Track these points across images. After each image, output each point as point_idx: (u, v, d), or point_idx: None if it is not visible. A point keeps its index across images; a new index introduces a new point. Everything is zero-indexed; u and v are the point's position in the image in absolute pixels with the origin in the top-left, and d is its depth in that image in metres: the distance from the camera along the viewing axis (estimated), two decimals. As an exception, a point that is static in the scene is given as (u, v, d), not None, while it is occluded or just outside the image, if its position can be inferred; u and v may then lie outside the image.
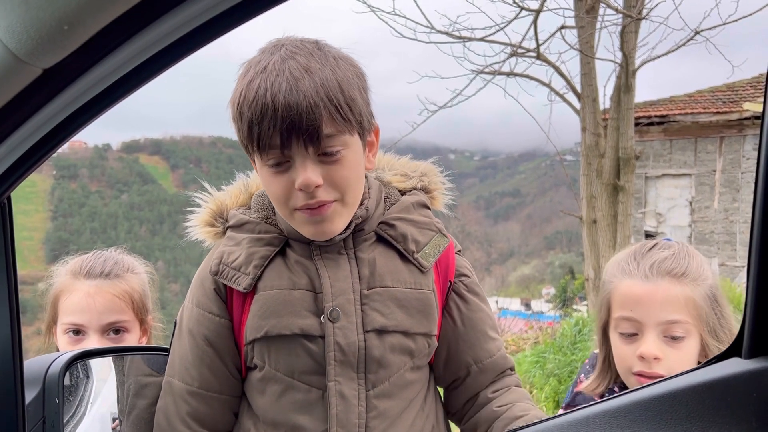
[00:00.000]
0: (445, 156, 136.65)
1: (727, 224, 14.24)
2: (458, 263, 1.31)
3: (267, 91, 1.05)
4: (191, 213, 1.29)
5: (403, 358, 1.20)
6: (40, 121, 0.71)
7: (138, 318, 1.61)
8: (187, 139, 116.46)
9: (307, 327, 1.15)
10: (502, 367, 1.30)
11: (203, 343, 1.20)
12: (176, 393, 1.21)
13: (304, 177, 1.08)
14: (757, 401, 0.65)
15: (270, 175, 1.12)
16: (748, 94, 14.09)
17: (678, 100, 14.99)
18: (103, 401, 1.23)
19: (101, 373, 1.24)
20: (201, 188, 1.33)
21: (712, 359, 0.71)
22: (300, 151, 1.07)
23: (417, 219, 1.25)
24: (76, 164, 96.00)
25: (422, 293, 1.21)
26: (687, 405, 0.67)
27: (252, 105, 1.06)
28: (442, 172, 1.35)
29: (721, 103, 14.17)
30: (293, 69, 1.06)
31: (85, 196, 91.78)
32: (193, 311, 1.22)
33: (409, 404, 1.22)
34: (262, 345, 1.17)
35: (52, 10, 0.58)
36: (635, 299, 1.35)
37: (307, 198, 1.10)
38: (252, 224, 1.23)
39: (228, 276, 1.18)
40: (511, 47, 9.25)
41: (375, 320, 1.17)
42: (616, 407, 0.69)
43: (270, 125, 1.05)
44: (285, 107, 1.04)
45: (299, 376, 1.17)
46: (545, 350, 7.34)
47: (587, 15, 9.06)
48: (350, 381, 1.15)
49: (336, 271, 1.17)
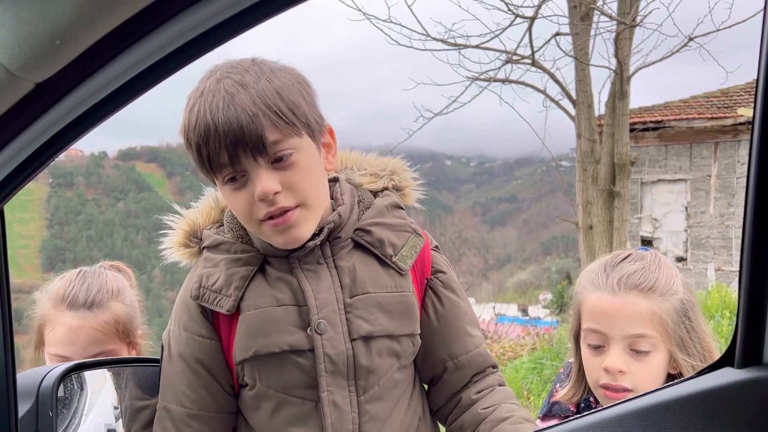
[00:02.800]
0: (441, 162, 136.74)
1: (722, 229, 14.27)
2: (434, 260, 1.32)
3: (206, 112, 1.08)
4: (164, 236, 1.29)
5: (391, 361, 1.22)
6: (33, 135, 0.71)
7: (125, 342, 1.60)
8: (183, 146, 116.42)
9: (295, 342, 1.15)
10: (480, 365, 1.30)
11: (197, 366, 1.20)
12: (176, 418, 1.20)
13: (260, 187, 1.09)
14: (749, 411, 0.66)
15: (230, 193, 1.14)
16: (742, 99, 14.15)
17: (673, 105, 15.04)
18: (97, 412, 1.23)
19: (95, 384, 1.24)
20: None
21: (704, 369, 0.71)
22: (250, 163, 1.09)
23: (392, 222, 1.26)
24: (72, 172, 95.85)
25: (403, 295, 1.22)
26: (680, 415, 0.67)
27: (195, 129, 1.09)
28: (411, 166, 1.37)
29: (715, 108, 14.23)
30: (228, 87, 1.09)
31: (82, 204, 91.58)
32: (181, 335, 1.22)
33: (397, 403, 1.24)
34: (251, 365, 1.17)
35: (44, 24, 0.58)
36: (602, 312, 1.36)
37: (268, 206, 1.11)
38: (227, 244, 1.23)
39: (210, 299, 1.18)
40: (507, 54, 9.28)
41: (361, 328, 1.18)
42: (609, 418, 0.69)
43: (215, 144, 1.07)
44: (225, 123, 1.06)
45: (292, 390, 1.17)
46: (542, 356, 7.33)
47: (582, 22, 9.11)
48: (342, 389, 1.17)
49: (318, 283, 1.18)
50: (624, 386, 1.32)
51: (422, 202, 1.38)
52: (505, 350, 9.64)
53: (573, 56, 9.24)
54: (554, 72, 9.44)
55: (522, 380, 7.03)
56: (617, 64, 9.01)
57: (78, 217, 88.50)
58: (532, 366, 7.17)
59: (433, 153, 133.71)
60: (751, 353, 0.68)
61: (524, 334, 11.10)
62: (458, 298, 1.32)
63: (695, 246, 14.48)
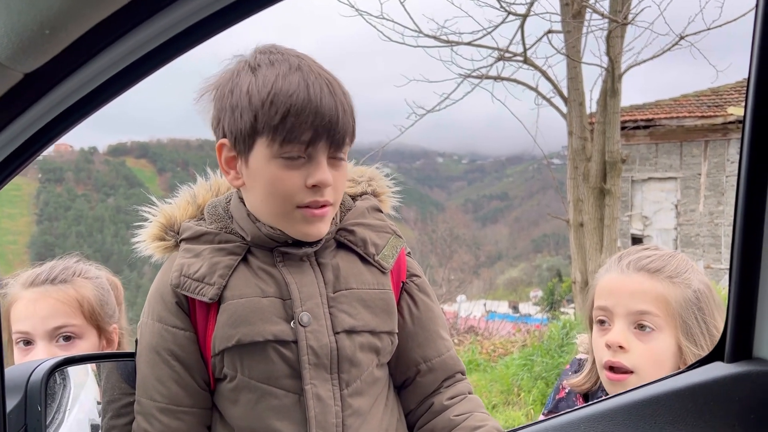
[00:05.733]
0: (433, 159, 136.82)
1: (712, 227, 14.37)
2: (409, 264, 1.35)
3: (309, 88, 1.11)
4: (139, 228, 1.28)
5: (371, 356, 1.23)
6: (22, 126, 0.70)
7: (93, 325, 1.54)
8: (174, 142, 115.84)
9: (279, 333, 1.16)
10: (452, 369, 1.32)
11: (169, 358, 1.19)
12: (147, 411, 1.19)
13: (323, 175, 1.14)
14: (739, 405, 0.66)
15: (281, 169, 1.14)
16: (732, 98, 14.24)
17: (664, 104, 15.12)
18: (80, 407, 1.22)
19: (78, 378, 1.22)
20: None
21: (694, 363, 0.71)
22: (323, 151, 1.15)
23: (373, 223, 1.30)
24: (61, 167, 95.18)
25: (385, 293, 1.25)
26: (670, 409, 0.67)
27: (292, 97, 1.11)
28: (387, 176, 1.41)
29: (706, 107, 14.32)
30: (327, 77, 1.15)
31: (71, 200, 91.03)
32: (154, 327, 1.20)
33: (376, 400, 1.25)
34: (233, 354, 1.16)
35: (33, 14, 0.58)
36: (609, 290, 1.42)
37: (316, 195, 1.15)
38: (211, 235, 1.23)
39: (190, 288, 1.17)
40: (499, 51, 9.29)
41: (344, 321, 1.19)
42: (600, 411, 0.69)
43: (307, 120, 1.11)
44: (327, 107, 1.12)
45: (275, 381, 1.17)
46: (533, 353, 7.36)
47: (574, 20, 9.13)
48: (325, 382, 1.17)
49: (302, 277, 1.19)
50: (625, 366, 1.34)
51: (414, 199, 1.41)
52: (495, 347, 9.68)
53: (565, 54, 9.26)
54: (546, 70, 9.47)
55: (512, 377, 7.06)
56: (609, 62, 9.04)
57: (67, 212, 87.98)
58: (523, 363, 7.20)
59: (425, 150, 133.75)
60: (740, 348, 0.69)
61: (515, 330, 11.13)
62: (432, 302, 1.35)
63: (685, 244, 14.57)
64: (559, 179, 11.37)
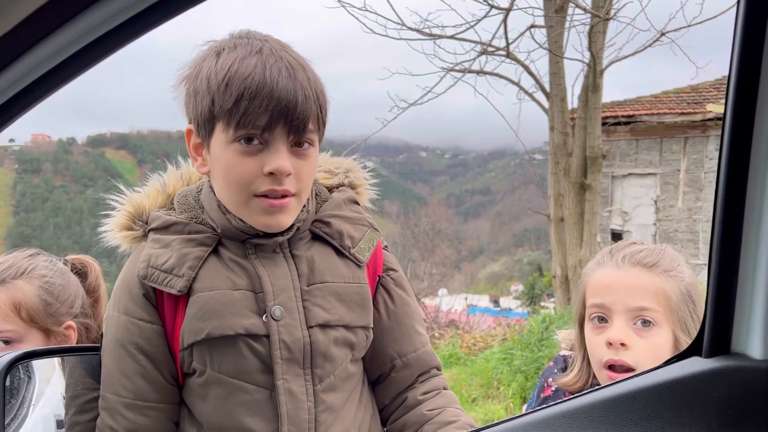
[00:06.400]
0: (416, 154, 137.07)
1: (690, 223, 14.56)
2: (386, 258, 1.33)
3: (266, 71, 1.07)
4: (106, 216, 1.25)
5: (345, 351, 1.21)
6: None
7: (35, 327, 1.45)
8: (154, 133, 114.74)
9: (250, 326, 1.12)
10: (427, 364, 1.31)
11: (135, 352, 1.15)
12: (111, 407, 1.15)
13: (280, 162, 1.09)
14: (716, 400, 0.65)
15: (237, 155, 1.10)
16: (711, 95, 14.41)
17: (644, 100, 15.26)
18: (46, 402, 1.18)
19: (44, 373, 1.18)
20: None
21: (672, 358, 0.70)
22: (282, 137, 1.10)
23: (349, 215, 1.27)
24: (39, 158, 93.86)
25: (360, 287, 1.23)
26: (647, 405, 0.66)
27: (247, 80, 1.07)
28: (364, 168, 1.38)
29: (685, 104, 14.47)
30: (289, 60, 1.11)
31: (49, 191, 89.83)
32: (120, 320, 1.16)
33: (350, 396, 1.23)
34: (202, 348, 1.13)
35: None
36: (605, 286, 1.38)
37: (274, 183, 1.10)
38: (180, 225, 1.19)
39: (158, 279, 1.14)
40: (481, 45, 9.30)
41: (318, 315, 1.17)
42: (576, 407, 0.68)
43: (261, 104, 1.06)
44: (283, 91, 1.07)
45: (245, 376, 1.14)
46: (513, 347, 7.40)
47: (556, 14, 9.16)
48: (297, 378, 1.14)
49: (275, 270, 1.16)
50: (627, 364, 1.31)
51: (397, 193, 1.39)
52: (476, 341, 9.72)
53: (547, 49, 9.30)
54: (528, 64, 9.51)
55: (492, 370, 7.09)
56: (591, 58, 9.09)
57: (45, 204, 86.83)
58: (503, 356, 7.24)
59: (408, 144, 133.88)
60: (718, 343, 0.68)
61: (495, 324, 11.20)
62: (408, 297, 1.33)
63: (664, 239, 14.75)
64: (540, 174, 11.44)
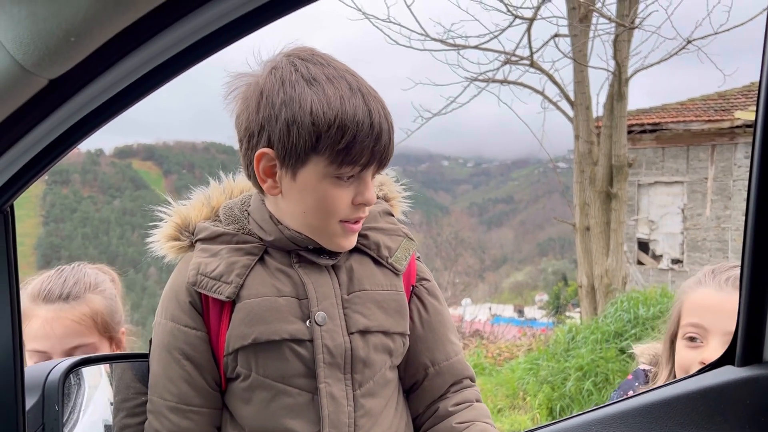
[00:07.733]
0: (438, 163, 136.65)
1: (719, 231, 14.31)
2: (419, 268, 1.36)
3: (372, 114, 1.14)
4: (154, 227, 1.29)
5: (384, 357, 1.24)
6: (45, 131, 0.71)
7: (105, 336, 1.56)
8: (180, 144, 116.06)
9: (295, 332, 1.17)
10: (460, 373, 1.33)
11: (180, 357, 1.20)
12: (157, 410, 1.21)
13: (371, 195, 1.18)
14: (750, 408, 0.67)
15: (333, 187, 1.16)
16: (739, 102, 14.18)
17: (670, 108, 15.07)
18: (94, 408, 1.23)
19: (92, 379, 1.23)
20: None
21: (705, 367, 0.72)
22: (373, 172, 1.19)
23: (385, 227, 1.32)
24: (68, 169, 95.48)
25: (398, 294, 1.27)
26: (681, 412, 0.68)
27: (359, 124, 1.12)
28: (397, 181, 1.42)
29: (712, 111, 14.26)
30: (380, 98, 1.18)
31: (77, 202, 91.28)
32: (167, 326, 1.22)
33: (387, 402, 1.26)
34: (248, 352, 1.17)
35: (59, 21, 0.59)
36: (705, 307, 1.37)
37: (359, 212, 1.20)
38: (228, 236, 1.24)
39: (207, 286, 1.18)
40: (505, 55, 9.30)
41: (358, 322, 1.21)
42: (613, 414, 0.70)
43: (368, 144, 1.13)
44: (385, 133, 1.15)
45: (289, 380, 1.18)
46: (538, 357, 7.34)
47: (580, 24, 9.13)
48: (338, 382, 1.18)
49: (318, 278, 1.21)
50: None
51: (419, 203, 1.43)
52: (501, 351, 9.66)
53: (572, 58, 9.26)
54: (553, 73, 9.49)
55: (518, 381, 7.05)
56: (615, 66, 9.04)
57: (74, 214, 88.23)
58: (528, 367, 7.19)
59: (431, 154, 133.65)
60: (751, 352, 0.69)
61: (520, 334, 11.13)
62: (441, 306, 1.36)
63: (691, 248, 14.52)
64: (565, 183, 11.36)
